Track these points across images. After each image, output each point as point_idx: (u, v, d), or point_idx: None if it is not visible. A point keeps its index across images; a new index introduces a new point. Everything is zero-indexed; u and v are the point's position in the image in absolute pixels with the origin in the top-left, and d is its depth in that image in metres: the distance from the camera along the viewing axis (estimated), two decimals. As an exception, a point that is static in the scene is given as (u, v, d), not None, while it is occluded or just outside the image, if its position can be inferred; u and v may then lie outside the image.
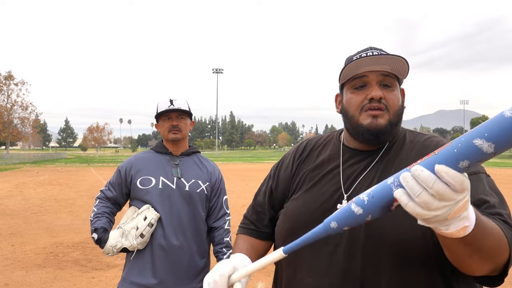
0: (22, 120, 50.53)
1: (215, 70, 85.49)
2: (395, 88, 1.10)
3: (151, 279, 1.94)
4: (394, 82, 1.10)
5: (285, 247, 0.86)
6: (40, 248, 6.10)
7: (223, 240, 2.12)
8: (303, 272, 1.08)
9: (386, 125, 1.07)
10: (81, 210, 9.89)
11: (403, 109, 1.14)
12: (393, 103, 1.08)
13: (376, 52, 1.07)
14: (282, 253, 0.86)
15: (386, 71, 1.07)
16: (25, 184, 17.00)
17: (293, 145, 1.35)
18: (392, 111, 1.08)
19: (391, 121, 1.07)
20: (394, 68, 1.07)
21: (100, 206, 2.07)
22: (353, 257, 0.99)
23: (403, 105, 1.13)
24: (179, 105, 2.11)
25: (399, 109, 1.10)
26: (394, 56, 1.04)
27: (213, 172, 2.19)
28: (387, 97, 1.07)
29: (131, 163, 2.13)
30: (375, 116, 1.06)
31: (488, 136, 0.59)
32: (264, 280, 4.62)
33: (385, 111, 1.07)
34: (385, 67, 1.07)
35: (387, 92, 1.08)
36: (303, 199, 1.15)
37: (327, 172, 1.16)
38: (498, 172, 27.06)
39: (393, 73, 1.08)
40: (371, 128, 1.06)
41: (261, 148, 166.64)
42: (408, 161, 1.06)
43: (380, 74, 1.07)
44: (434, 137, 1.13)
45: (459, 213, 0.68)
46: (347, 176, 1.12)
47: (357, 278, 0.99)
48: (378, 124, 1.06)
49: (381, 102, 1.06)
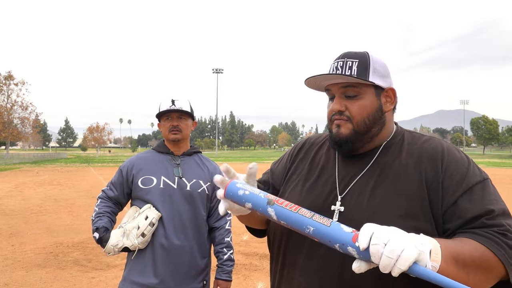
0: (22, 120, 50.50)
1: (215, 70, 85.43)
2: (363, 96, 1.10)
3: (152, 278, 1.95)
4: (361, 90, 1.10)
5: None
6: (40, 248, 6.10)
7: (224, 240, 2.13)
8: (296, 272, 1.09)
9: (349, 135, 1.10)
10: (81, 210, 9.90)
11: (381, 112, 1.12)
12: (356, 112, 1.10)
13: (341, 62, 1.11)
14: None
15: (346, 82, 1.10)
16: (25, 184, 17.00)
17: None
18: (356, 120, 1.10)
19: (356, 130, 1.10)
20: (353, 79, 1.08)
21: (102, 206, 2.08)
22: (345, 261, 0.99)
23: (381, 108, 1.12)
24: (180, 105, 2.11)
25: (369, 115, 1.10)
26: (342, 75, 1.07)
27: (214, 172, 2.19)
28: (349, 107, 1.10)
29: (133, 163, 2.14)
30: (338, 126, 1.12)
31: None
32: (264, 280, 4.63)
33: (348, 121, 1.10)
34: (342, 80, 1.10)
35: (350, 102, 1.10)
36: (298, 199, 1.15)
37: (322, 173, 1.18)
38: (498, 172, 27.07)
39: (356, 82, 1.09)
40: (335, 137, 1.12)
41: (261, 148, 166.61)
42: (406, 167, 1.06)
43: (340, 87, 1.11)
44: (432, 140, 1.12)
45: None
46: (341, 177, 1.13)
47: (346, 281, 0.99)
48: (339, 134, 1.11)
49: (342, 114, 1.11)
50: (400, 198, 1.01)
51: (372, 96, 1.11)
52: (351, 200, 1.06)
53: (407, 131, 1.19)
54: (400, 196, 1.01)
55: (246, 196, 0.94)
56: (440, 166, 1.03)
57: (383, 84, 1.12)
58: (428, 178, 1.02)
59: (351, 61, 1.10)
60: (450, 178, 1.01)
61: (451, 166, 1.03)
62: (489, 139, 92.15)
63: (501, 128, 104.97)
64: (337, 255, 1.00)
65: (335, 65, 1.12)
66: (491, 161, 53.45)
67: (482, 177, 1.02)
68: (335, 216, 1.06)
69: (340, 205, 1.07)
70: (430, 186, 1.01)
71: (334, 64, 1.12)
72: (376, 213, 1.00)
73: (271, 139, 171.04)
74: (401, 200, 1.01)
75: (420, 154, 1.07)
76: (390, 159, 1.10)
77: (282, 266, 1.15)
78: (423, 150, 1.08)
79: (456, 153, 1.07)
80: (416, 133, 1.17)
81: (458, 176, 1.01)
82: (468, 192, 0.98)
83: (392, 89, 1.15)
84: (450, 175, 1.01)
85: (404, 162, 1.07)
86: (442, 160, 1.04)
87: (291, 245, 1.12)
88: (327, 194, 1.11)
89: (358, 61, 1.10)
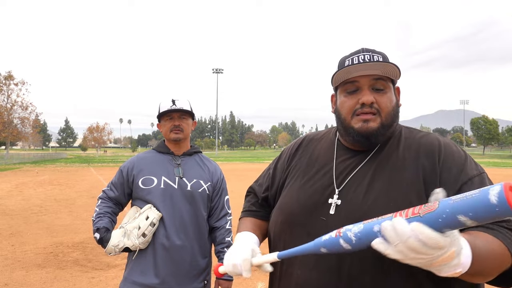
0: (22, 120, 50.46)
1: (215, 70, 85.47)
2: (388, 90, 1.12)
3: (153, 278, 1.95)
4: (387, 84, 1.12)
5: (279, 253, 0.97)
6: (40, 248, 6.10)
7: (225, 240, 2.13)
8: (295, 266, 1.10)
9: (378, 128, 1.09)
10: (81, 210, 9.89)
11: (398, 108, 1.16)
12: (385, 105, 1.10)
13: (368, 56, 1.10)
14: (276, 257, 0.97)
15: (377, 74, 1.09)
16: (25, 184, 16.99)
17: None
18: (384, 113, 1.10)
19: (384, 123, 1.10)
20: (385, 71, 1.09)
21: (102, 206, 2.08)
22: (342, 253, 1.00)
23: (397, 104, 1.15)
24: (181, 105, 2.11)
25: (393, 110, 1.12)
26: (385, 62, 1.07)
27: (214, 172, 2.19)
28: (378, 101, 1.10)
29: (133, 163, 2.14)
30: (366, 120, 1.09)
31: (472, 216, 0.64)
32: (264, 280, 4.63)
33: (377, 115, 1.10)
34: (376, 71, 1.09)
35: (379, 96, 1.10)
36: (297, 193, 1.17)
37: (320, 168, 1.19)
38: (498, 172, 27.06)
39: (385, 76, 1.10)
40: (362, 131, 1.10)
41: (261, 148, 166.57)
42: (404, 161, 1.07)
43: (371, 79, 1.10)
44: (429, 135, 1.14)
45: (445, 263, 0.71)
46: (339, 171, 1.14)
47: (344, 273, 1.00)
48: (368, 127, 1.09)
49: (372, 107, 1.09)
50: (397, 191, 1.02)
51: (392, 92, 1.13)
52: (348, 194, 1.08)
53: (404, 127, 1.20)
54: (397, 189, 1.02)
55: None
56: (437, 159, 1.04)
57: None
58: (425, 172, 1.03)
59: (377, 56, 1.10)
60: (447, 171, 1.02)
61: (448, 159, 1.04)
62: (489, 139, 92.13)
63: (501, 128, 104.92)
64: None
65: (362, 58, 1.10)
66: (491, 161, 53.44)
67: (479, 171, 1.03)
68: (332, 209, 1.07)
69: (338, 198, 1.08)
70: (427, 180, 1.02)
71: (360, 57, 1.11)
72: (373, 206, 1.01)
73: (271, 139, 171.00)
74: (398, 193, 1.02)
75: (417, 148, 1.08)
76: (388, 153, 1.11)
77: (281, 262, 1.15)
78: (420, 144, 1.10)
79: (453, 147, 1.08)
80: (413, 129, 1.19)
81: (455, 169, 1.02)
82: (468, 183, 0.99)
83: (398, 88, 1.19)
84: (448, 168, 1.02)
85: (401, 156, 1.08)
86: (439, 153, 1.05)
87: (290, 241, 1.13)
88: (325, 187, 1.13)
89: (382, 56, 1.11)
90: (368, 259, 0.97)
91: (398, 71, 1.09)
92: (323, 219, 1.07)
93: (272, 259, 0.97)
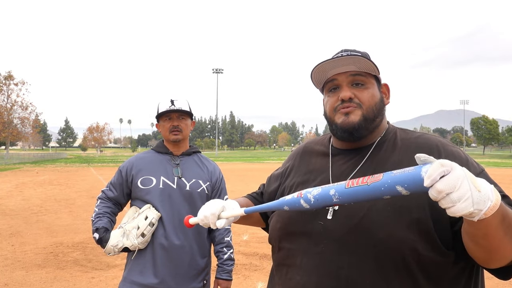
0: (22, 120, 50.49)
1: (215, 70, 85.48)
2: (370, 86, 1.13)
3: (152, 278, 1.95)
4: (367, 80, 1.13)
5: (246, 208, 1.06)
6: (40, 248, 6.10)
7: (224, 240, 2.13)
8: (294, 271, 1.10)
9: (359, 121, 1.10)
10: (81, 210, 9.90)
11: (383, 103, 1.16)
12: (366, 99, 1.11)
13: (345, 54, 1.11)
14: (243, 212, 1.06)
15: (354, 70, 1.11)
16: (25, 184, 17.00)
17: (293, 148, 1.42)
18: (366, 106, 1.11)
19: (365, 116, 1.11)
20: (361, 67, 1.10)
21: (102, 206, 2.08)
22: (341, 258, 1.00)
23: (382, 100, 1.16)
24: (180, 105, 2.11)
25: (375, 104, 1.12)
26: (358, 57, 1.08)
27: (213, 171, 2.19)
28: (358, 95, 1.11)
29: (132, 163, 2.14)
30: (347, 114, 1.11)
31: (407, 187, 0.76)
32: (264, 280, 4.63)
33: (357, 108, 1.11)
34: (350, 67, 1.11)
35: (359, 91, 1.12)
36: None
37: (317, 174, 1.20)
38: (498, 172, 27.05)
39: (363, 71, 1.11)
40: (344, 125, 1.11)
41: (261, 148, 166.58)
42: (401, 163, 1.04)
43: (349, 75, 1.12)
44: (425, 135, 1.14)
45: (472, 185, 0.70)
46: (336, 176, 1.14)
47: (343, 277, 0.99)
48: (350, 121, 1.10)
49: (352, 101, 1.11)
50: None
51: (375, 88, 1.14)
52: None
53: (399, 129, 1.20)
54: None
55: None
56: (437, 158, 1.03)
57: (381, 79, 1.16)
58: None
59: (355, 54, 1.12)
60: None
61: (449, 158, 1.03)
62: (489, 139, 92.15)
63: (501, 128, 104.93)
64: (333, 252, 1.02)
65: (338, 56, 1.12)
66: (491, 161, 53.42)
67: (481, 168, 1.03)
68: (330, 214, 1.07)
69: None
70: None
71: (338, 55, 1.12)
72: (371, 209, 1.00)
73: (271, 139, 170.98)
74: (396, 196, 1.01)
75: (414, 149, 1.07)
76: (384, 155, 1.10)
77: (281, 266, 1.16)
78: (417, 145, 1.09)
79: (452, 148, 1.08)
80: (409, 130, 1.19)
81: None
82: None
83: (386, 85, 1.19)
84: None
85: (398, 158, 1.08)
86: (438, 154, 1.04)
87: (289, 245, 1.13)
88: None
89: (361, 54, 1.13)
90: (368, 264, 0.97)
91: (375, 66, 1.11)
92: (321, 223, 1.06)
93: (240, 213, 1.06)
